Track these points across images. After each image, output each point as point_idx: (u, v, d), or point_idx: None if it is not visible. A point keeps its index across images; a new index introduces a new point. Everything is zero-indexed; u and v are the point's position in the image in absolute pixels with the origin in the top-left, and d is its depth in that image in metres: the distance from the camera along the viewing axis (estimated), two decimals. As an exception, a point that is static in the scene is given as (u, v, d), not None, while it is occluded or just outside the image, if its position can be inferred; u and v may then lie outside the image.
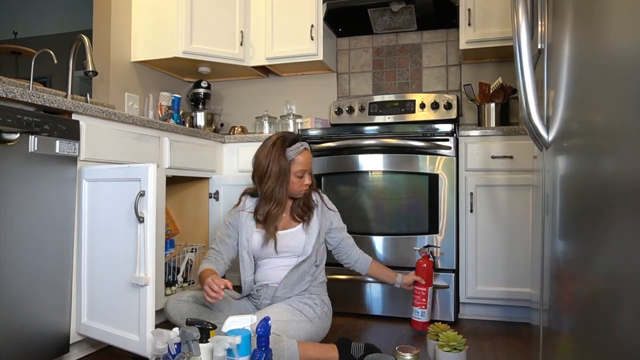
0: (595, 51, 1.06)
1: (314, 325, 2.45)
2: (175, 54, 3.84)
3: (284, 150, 2.52)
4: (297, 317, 2.40)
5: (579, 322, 1.16)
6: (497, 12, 3.52)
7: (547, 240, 1.61)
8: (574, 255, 1.22)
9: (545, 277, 1.66)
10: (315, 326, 2.45)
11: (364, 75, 4.30)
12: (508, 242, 3.11)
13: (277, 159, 2.51)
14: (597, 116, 1.04)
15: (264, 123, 4.17)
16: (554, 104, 1.48)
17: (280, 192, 2.53)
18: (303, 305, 2.47)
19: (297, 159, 2.54)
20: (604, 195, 0.96)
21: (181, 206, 3.59)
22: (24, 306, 2.12)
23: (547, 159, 1.64)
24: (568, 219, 1.31)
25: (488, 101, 3.58)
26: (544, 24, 1.66)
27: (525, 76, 1.53)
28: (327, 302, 2.63)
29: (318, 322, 2.48)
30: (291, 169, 2.54)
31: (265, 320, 1.83)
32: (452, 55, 4.08)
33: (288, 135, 2.62)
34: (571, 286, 1.25)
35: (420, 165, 3.19)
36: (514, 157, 3.10)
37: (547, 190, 1.64)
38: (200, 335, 1.86)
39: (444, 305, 3.12)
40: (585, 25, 1.16)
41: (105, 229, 2.35)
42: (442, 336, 2.33)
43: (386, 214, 3.27)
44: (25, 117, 2.06)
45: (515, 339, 2.82)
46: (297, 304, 2.46)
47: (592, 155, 1.07)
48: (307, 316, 2.44)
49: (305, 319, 2.43)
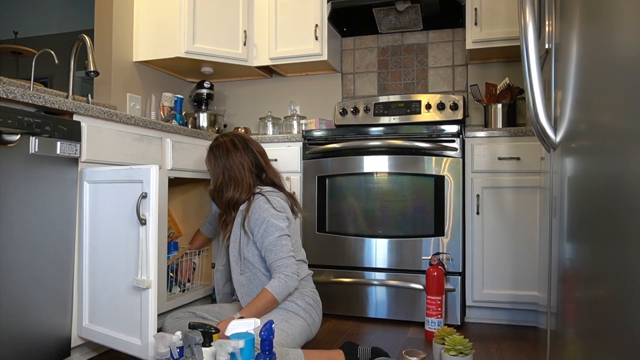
0: (604, 51, 1.06)
1: (302, 319, 2.49)
2: (177, 54, 3.85)
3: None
4: (285, 314, 2.45)
5: (587, 326, 1.16)
6: (503, 11, 3.51)
7: (555, 242, 1.61)
8: (582, 258, 1.22)
9: (552, 280, 1.66)
10: (304, 319, 2.49)
11: (369, 76, 4.30)
12: (515, 245, 3.11)
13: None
14: (605, 117, 1.04)
15: (267, 124, 4.18)
16: (561, 105, 1.48)
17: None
18: (285, 302, 2.51)
19: None
20: (612, 197, 0.96)
21: (184, 208, 3.59)
22: (24, 310, 2.13)
23: (554, 160, 1.64)
24: (576, 221, 1.31)
25: (495, 102, 3.58)
26: (552, 23, 1.66)
27: (533, 76, 1.53)
28: (309, 293, 2.63)
29: (305, 314, 2.51)
30: None
31: (269, 323, 1.83)
32: (459, 55, 4.08)
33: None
34: (579, 289, 1.25)
35: (426, 166, 3.19)
36: (521, 158, 3.10)
37: (554, 192, 1.64)
38: (203, 339, 1.86)
39: (450, 308, 3.12)
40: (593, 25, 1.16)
41: (107, 231, 2.35)
42: (448, 340, 2.33)
43: (391, 216, 3.27)
44: (25, 118, 2.06)
45: (522, 342, 2.82)
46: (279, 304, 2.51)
47: (600, 157, 1.07)
48: (292, 311, 2.48)
49: (293, 314, 2.47)
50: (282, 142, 3.59)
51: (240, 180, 2.68)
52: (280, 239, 2.53)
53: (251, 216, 2.60)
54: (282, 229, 2.55)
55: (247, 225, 2.61)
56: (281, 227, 2.55)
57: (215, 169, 2.74)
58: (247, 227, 2.60)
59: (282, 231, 2.55)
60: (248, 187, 2.69)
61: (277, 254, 2.51)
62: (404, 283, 3.19)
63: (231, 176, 2.69)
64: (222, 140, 2.78)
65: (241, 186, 2.68)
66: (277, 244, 2.52)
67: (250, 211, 2.61)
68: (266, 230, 2.54)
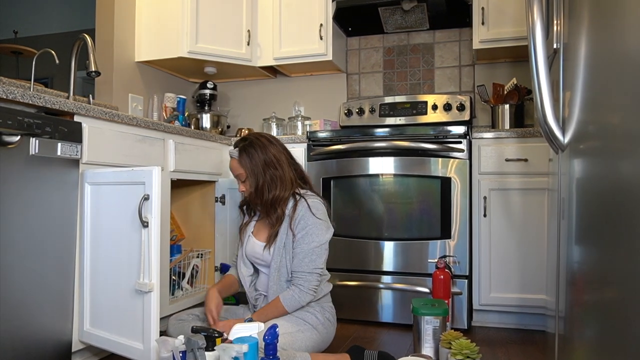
0: (613, 51, 1.06)
1: (319, 333, 2.45)
2: (180, 53, 3.85)
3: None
4: (302, 326, 2.41)
5: (596, 330, 1.16)
6: (511, 10, 3.51)
7: (563, 245, 1.61)
8: (591, 261, 1.22)
9: (561, 284, 1.66)
10: (320, 333, 2.46)
11: (375, 76, 4.31)
12: (522, 248, 3.10)
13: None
14: (615, 118, 1.04)
15: (271, 125, 4.18)
16: (570, 105, 1.48)
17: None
18: (305, 314, 2.47)
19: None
20: (622, 199, 0.96)
21: (186, 211, 3.60)
22: (24, 313, 2.13)
23: (563, 161, 1.64)
24: (585, 224, 1.30)
25: (502, 102, 3.58)
26: (560, 22, 1.66)
27: (541, 77, 1.53)
28: (329, 309, 2.60)
29: (322, 329, 2.48)
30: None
31: (273, 327, 1.83)
32: (465, 55, 4.07)
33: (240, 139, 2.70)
34: (588, 293, 1.25)
35: (432, 168, 3.19)
36: (528, 160, 3.09)
37: (563, 194, 1.64)
38: (206, 343, 1.86)
39: (456, 312, 3.11)
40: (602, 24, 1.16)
41: (108, 234, 2.36)
42: (455, 344, 2.33)
43: (397, 218, 3.26)
44: (26, 118, 2.07)
45: (529, 347, 2.81)
46: (299, 313, 2.46)
47: (609, 158, 1.07)
48: (310, 324, 2.44)
49: (310, 327, 2.43)
50: (286, 143, 3.53)
51: (283, 175, 2.56)
52: (314, 251, 2.47)
53: (296, 218, 2.51)
54: (318, 242, 2.48)
55: (294, 226, 2.51)
56: (319, 239, 2.48)
57: (255, 169, 2.55)
58: (294, 228, 2.52)
59: (319, 243, 2.48)
60: (291, 182, 2.58)
61: (303, 265, 2.46)
62: (410, 286, 3.19)
63: (274, 173, 2.55)
64: (251, 138, 2.63)
65: (285, 182, 2.56)
66: (307, 255, 2.46)
67: (297, 213, 2.52)
68: (303, 238, 2.48)
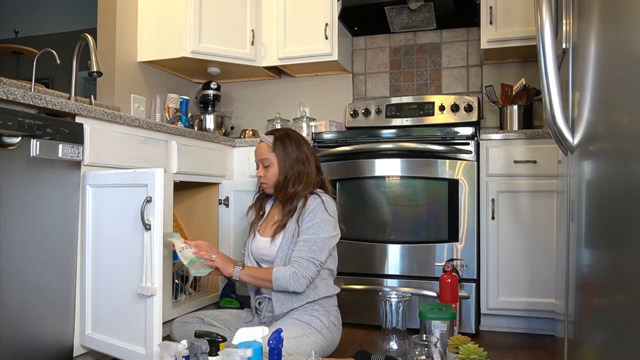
0: (624, 50, 1.06)
1: (324, 337, 2.45)
2: (183, 53, 3.86)
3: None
4: (306, 330, 2.40)
5: (606, 335, 1.16)
6: (519, 10, 3.51)
7: (572, 248, 1.61)
8: (601, 264, 1.22)
9: (570, 287, 1.66)
10: (325, 338, 2.45)
11: (381, 76, 4.31)
12: (531, 251, 3.10)
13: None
14: (625, 119, 1.04)
15: (276, 126, 4.17)
16: (579, 106, 1.48)
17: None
18: (310, 317, 2.46)
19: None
20: (632, 202, 0.96)
21: (190, 213, 3.60)
22: (25, 317, 2.14)
23: (572, 163, 1.64)
24: (594, 227, 1.30)
25: (510, 103, 3.57)
26: (569, 22, 1.66)
27: (550, 77, 1.53)
28: (334, 313, 2.60)
29: (327, 333, 2.47)
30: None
31: (278, 332, 1.83)
32: (473, 55, 4.07)
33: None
34: (598, 297, 1.25)
35: (439, 170, 3.19)
36: (537, 161, 3.09)
37: (572, 197, 1.64)
38: (209, 348, 1.86)
39: (464, 316, 3.11)
40: (612, 24, 1.16)
41: (110, 236, 2.36)
42: (463, 349, 2.33)
43: (404, 221, 3.26)
44: (26, 119, 2.07)
45: (538, 351, 2.81)
46: (304, 317, 2.46)
47: (620, 160, 1.07)
48: (315, 328, 2.43)
49: (315, 331, 2.43)
50: (290, 144, 3.59)
51: (309, 174, 2.59)
52: (316, 242, 2.46)
53: (306, 211, 2.52)
54: (323, 235, 2.48)
55: (301, 219, 2.52)
56: (324, 234, 2.48)
57: (285, 161, 2.57)
58: (300, 221, 2.52)
59: (323, 236, 2.48)
60: (313, 185, 2.60)
61: (302, 253, 2.45)
62: (417, 290, 3.18)
63: (302, 170, 2.57)
64: (288, 132, 2.66)
65: (309, 182, 2.58)
66: (308, 244, 2.46)
67: (307, 207, 2.52)
68: (308, 229, 2.48)
